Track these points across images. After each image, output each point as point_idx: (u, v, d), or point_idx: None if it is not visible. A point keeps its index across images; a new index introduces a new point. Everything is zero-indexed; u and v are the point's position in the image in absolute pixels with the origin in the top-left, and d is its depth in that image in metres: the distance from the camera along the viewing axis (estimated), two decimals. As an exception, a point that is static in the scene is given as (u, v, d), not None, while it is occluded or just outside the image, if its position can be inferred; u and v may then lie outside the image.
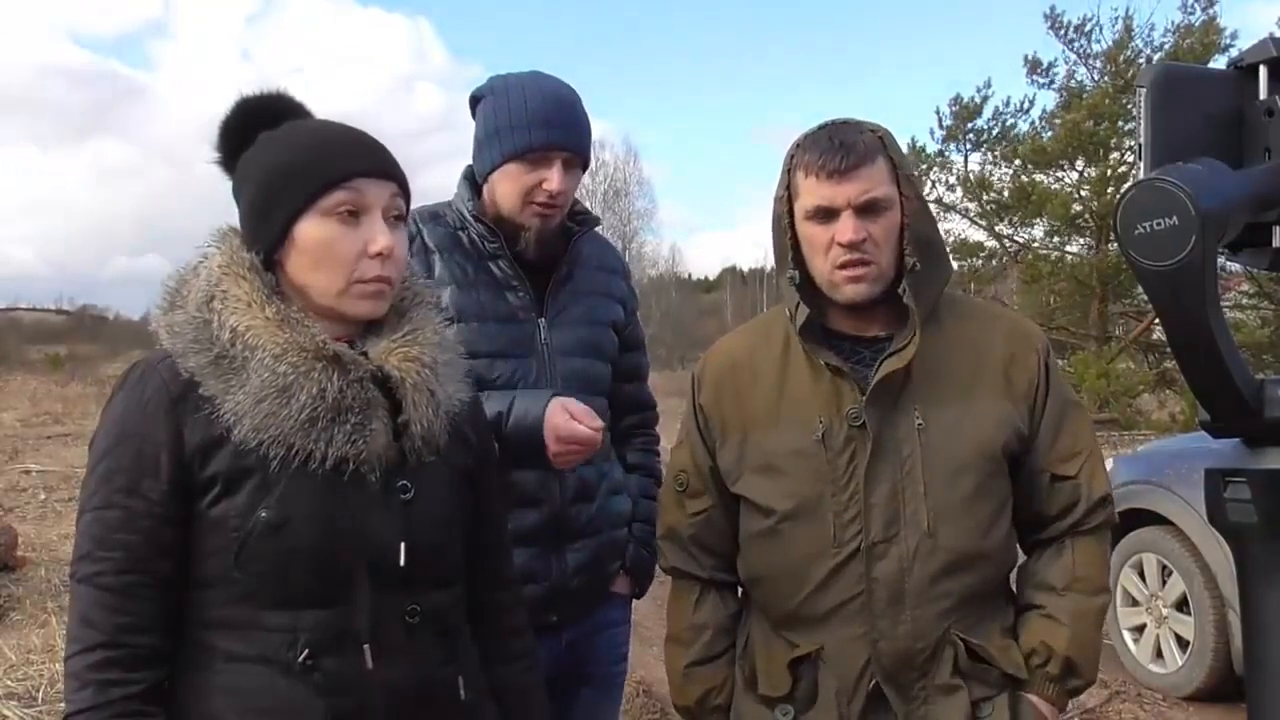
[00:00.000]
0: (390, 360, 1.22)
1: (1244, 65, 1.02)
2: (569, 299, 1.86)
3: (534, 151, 1.74)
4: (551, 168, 1.75)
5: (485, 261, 1.81)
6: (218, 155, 1.28)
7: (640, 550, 1.95)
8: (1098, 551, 1.51)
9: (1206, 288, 0.93)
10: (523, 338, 1.79)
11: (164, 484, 1.14)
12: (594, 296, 1.90)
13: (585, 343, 1.86)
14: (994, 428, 1.47)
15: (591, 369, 1.87)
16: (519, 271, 1.81)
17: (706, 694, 1.60)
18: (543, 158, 1.75)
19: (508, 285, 1.80)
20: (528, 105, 1.76)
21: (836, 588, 1.45)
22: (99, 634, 1.11)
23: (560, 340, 1.82)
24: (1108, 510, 1.51)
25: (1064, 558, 1.50)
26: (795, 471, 1.48)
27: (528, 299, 1.81)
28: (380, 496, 1.20)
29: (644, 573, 1.99)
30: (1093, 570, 1.50)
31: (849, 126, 1.46)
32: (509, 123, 1.76)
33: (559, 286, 1.85)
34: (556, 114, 1.77)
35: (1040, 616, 1.48)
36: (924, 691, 1.45)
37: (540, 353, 1.80)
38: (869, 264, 1.43)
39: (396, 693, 1.18)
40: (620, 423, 2.00)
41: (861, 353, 1.50)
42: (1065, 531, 1.51)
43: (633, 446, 2.03)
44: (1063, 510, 1.50)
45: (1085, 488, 1.49)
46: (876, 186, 1.42)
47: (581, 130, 1.82)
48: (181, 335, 1.18)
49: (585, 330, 1.86)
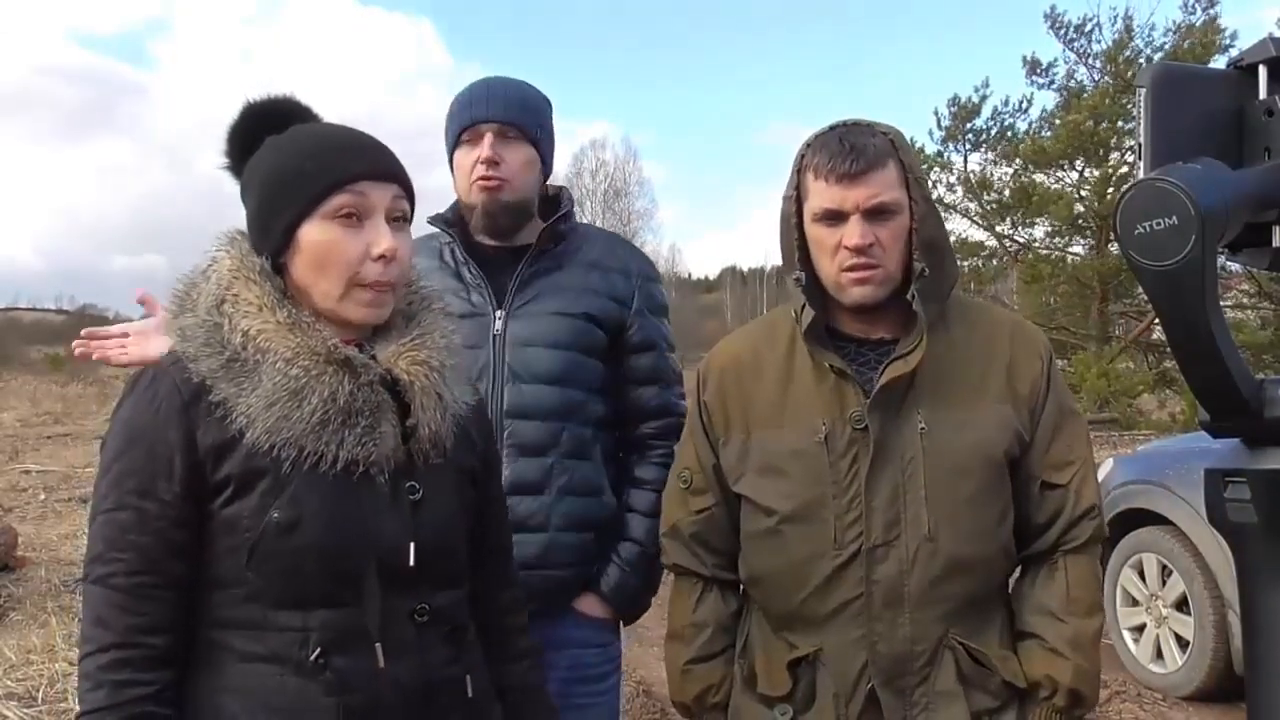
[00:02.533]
0: (399, 364, 1.24)
1: (1244, 65, 1.02)
2: (540, 290, 1.85)
3: (464, 132, 1.83)
4: (481, 140, 1.81)
5: (459, 268, 1.88)
6: (226, 159, 1.29)
7: (622, 573, 1.83)
8: (1089, 570, 1.51)
9: (1206, 288, 0.93)
10: (475, 330, 1.79)
11: (176, 486, 1.15)
12: (573, 291, 1.86)
13: (547, 333, 1.82)
14: (996, 432, 1.47)
15: (556, 358, 1.82)
16: (480, 271, 1.86)
17: (705, 691, 1.60)
18: (473, 134, 1.83)
19: (473, 286, 1.86)
20: (458, 99, 1.87)
21: (837, 590, 1.45)
22: (112, 635, 1.12)
23: (518, 331, 1.82)
24: (1095, 523, 1.50)
25: (1057, 579, 1.50)
26: (797, 473, 1.48)
27: (487, 294, 1.85)
28: (389, 498, 1.21)
29: (623, 597, 1.85)
30: (1086, 591, 1.50)
31: (860, 129, 1.45)
32: (449, 116, 1.87)
33: (525, 280, 1.85)
34: (482, 93, 1.85)
35: (1043, 650, 1.48)
36: (924, 698, 1.45)
37: (491, 344, 1.81)
38: (876, 267, 1.43)
39: (406, 691, 1.19)
40: (634, 430, 1.92)
41: (866, 355, 1.50)
42: (1054, 546, 1.50)
43: (648, 459, 1.90)
44: (1049, 519, 1.50)
45: (1073, 497, 1.49)
46: (886, 191, 1.42)
47: (510, 101, 1.85)
48: (193, 339, 1.19)
49: (550, 320, 1.83)
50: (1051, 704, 1.47)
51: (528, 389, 1.80)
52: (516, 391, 1.79)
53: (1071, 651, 1.46)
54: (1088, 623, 1.49)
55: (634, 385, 1.91)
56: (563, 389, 1.82)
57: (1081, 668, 1.46)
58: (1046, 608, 1.50)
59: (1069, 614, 1.48)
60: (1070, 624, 1.48)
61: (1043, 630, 1.49)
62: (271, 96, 1.29)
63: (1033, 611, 1.51)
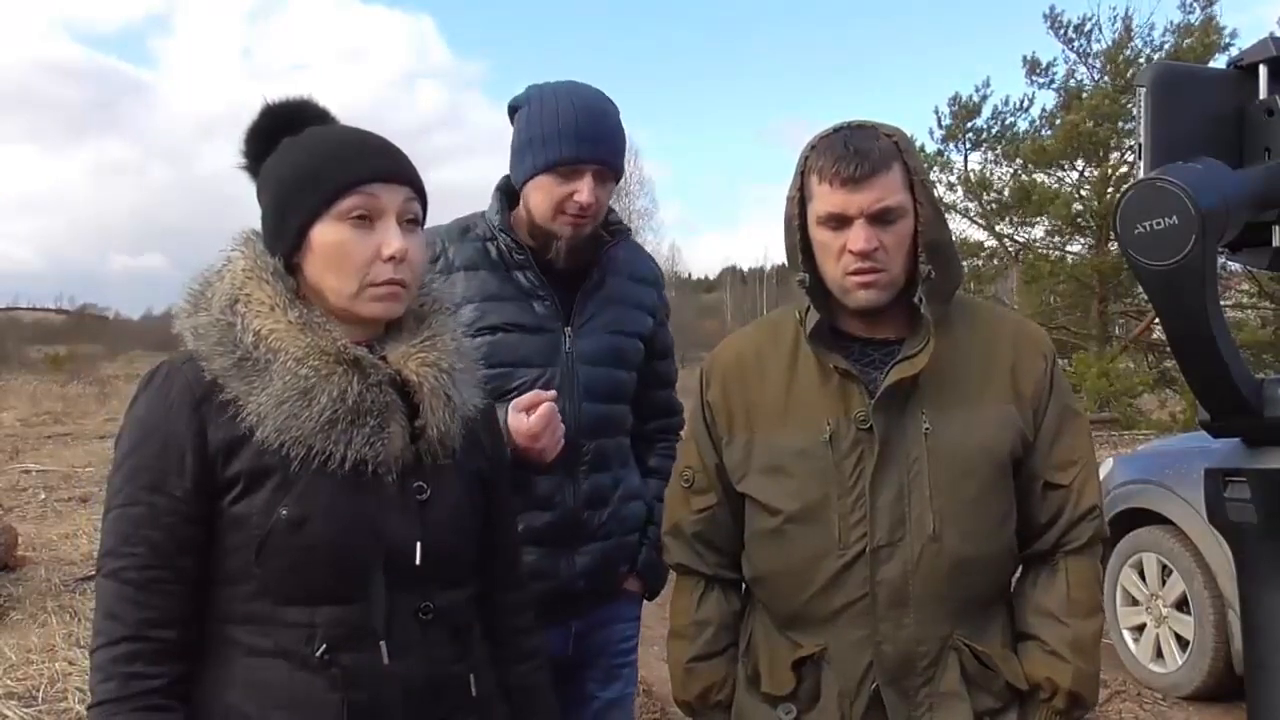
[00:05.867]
0: (409, 365, 1.25)
1: (1244, 65, 1.02)
2: (597, 308, 1.87)
3: (564, 164, 1.76)
4: (581, 180, 1.77)
5: (512, 272, 1.83)
6: (243, 160, 1.31)
7: (653, 554, 1.95)
8: (1090, 572, 1.51)
9: (1206, 287, 0.93)
10: (546, 347, 1.81)
11: (188, 482, 1.16)
12: (623, 307, 1.91)
13: (610, 352, 1.87)
14: (1000, 432, 1.47)
15: (614, 378, 1.89)
16: (544, 281, 1.83)
17: (708, 690, 1.60)
18: (573, 170, 1.77)
19: (534, 295, 1.83)
20: (560, 118, 1.78)
21: (841, 589, 1.45)
22: (124, 628, 1.14)
23: (585, 349, 1.84)
24: (1095, 524, 1.50)
25: (1058, 580, 1.50)
26: (801, 472, 1.48)
27: (554, 308, 1.83)
28: (397, 497, 1.22)
29: (656, 575, 1.99)
30: (1086, 593, 1.50)
31: (864, 132, 1.44)
32: (541, 134, 1.78)
33: (587, 296, 1.87)
34: (589, 127, 1.78)
35: (1043, 652, 1.48)
36: (929, 698, 1.45)
37: (564, 361, 1.82)
38: (880, 271, 1.43)
39: (410, 688, 1.20)
40: (645, 427, 2.03)
41: (871, 355, 1.50)
42: (1055, 546, 1.50)
43: (655, 451, 2.05)
44: (1051, 519, 1.50)
45: (1075, 497, 1.49)
46: (890, 195, 1.41)
47: (614, 143, 1.83)
48: (206, 337, 1.20)
49: (610, 339, 1.88)
50: (1051, 706, 1.47)
51: (602, 408, 1.86)
52: (594, 410, 1.85)
53: (1072, 654, 1.46)
54: (1088, 625, 1.49)
55: (650, 389, 2.01)
56: (621, 405, 1.92)
57: (1081, 670, 1.46)
58: (1047, 609, 1.49)
59: (1069, 616, 1.48)
60: (1071, 626, 1.47)
61: (1043, 632, 1.49)
62: (289, 99, 1.31)
63: (1033, 613, 1.51)
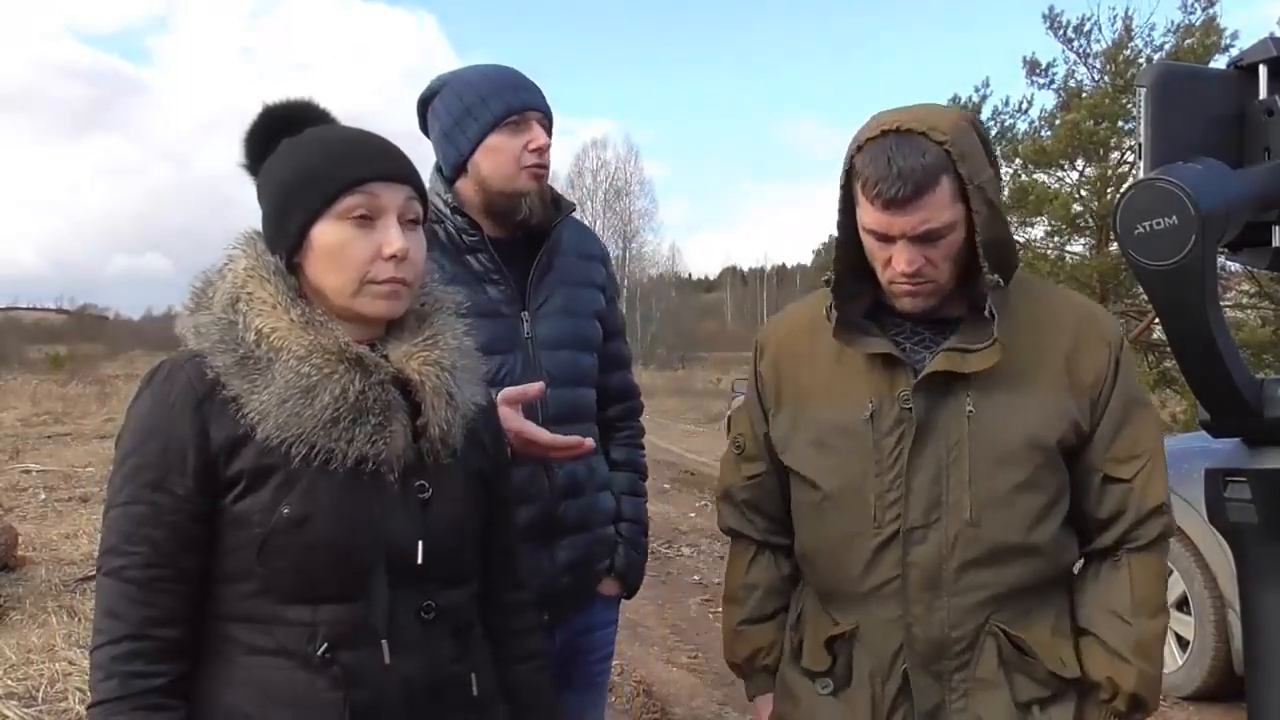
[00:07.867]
0: (411, 364, 1.25)
1: (1244, 65, 1.03)
2: (551, 289, 1.80)
3: (514, 113, 1.75)
4: (531, 128, 1.76)
5: (463, 255, 1.76)
6: (244, 161, 1.31)
7: (630, 552, 1.92)
8: (1156, 570, 1.47)
9: (1206, 287, 0.93)
10: (506, 332, 1.73)
11: (190, 480, 1.16)
12: (576, 286, 1.85)
13: (570, 335, 1.81)
14: (1048, 419, 1.42)
15: (578, 362, 1.82)
16: (499, 263, 1.76)
17: (755, 653, 1.63)
18: (523, 119, 1.76)
19: (487, 279, 1.76)
20: (488, 79, 1.78)
21: (875, 569, 1.45)
22: (125, 626, 1.14)
23: (544, 333, 1.77)
24: (1163, 520, 1.45)
25: (1121, 578, 1.46)
26: (842, 448, 1.48)
27: (509, 291, 1.76)
28: (399, 496, 1.22)
29: (634, 574, 1.95)
30: (1151, 592, 1.45)
31: (911, 143, 1.33)
32: (477, 99, 1.75)
33: (540, 277, 1.80)
34: (518, 78, 1.80)
35: (1105, 651, 1.45)
36: (964, 683, 1.44)
37: (525, 347, 1.75)
38: (926, 283, 1.40)
39: (411, 687, 1.21)
40: (604, 413, 1.94)
41: (922, 333, 1.48)
42: (1118, 543, 1.46)
43: (617, 441, 1.97)
44: (1111, 516, 1.46)
45: (1137, 495, 1.44)
46: (935, 216, 1.34)
47: (543, 94, 1.82)
48: (208, 336, 1.21)
49: (570, 322, 1.82)
50: (1112, 707, 1.45)
51: (568, 392, 1.80)
52: (558, 396, 1.76)
53: (1135, 656, 1.43)
54: (1152, 625, 1.44)
55: (605, 372, 1.93)
56: (586, 389, 1.85)
57: (1145, 673, 1.43)
58: (1109, 607, 1.46)
59: (1133, 615, 1.44)
60: (1135, 626, 1.43)
61: (1105, 630, 1.45)
62: (289, 100, 1.32)
63: (1095, 609, 1.47)
